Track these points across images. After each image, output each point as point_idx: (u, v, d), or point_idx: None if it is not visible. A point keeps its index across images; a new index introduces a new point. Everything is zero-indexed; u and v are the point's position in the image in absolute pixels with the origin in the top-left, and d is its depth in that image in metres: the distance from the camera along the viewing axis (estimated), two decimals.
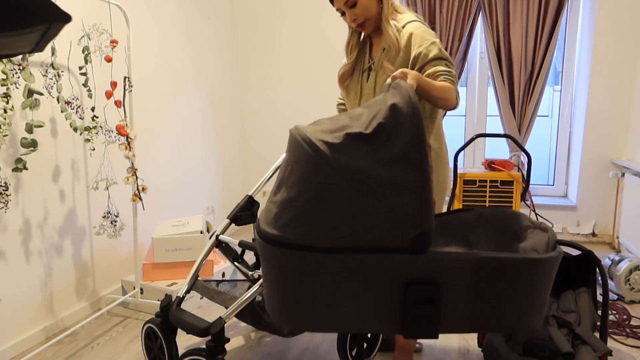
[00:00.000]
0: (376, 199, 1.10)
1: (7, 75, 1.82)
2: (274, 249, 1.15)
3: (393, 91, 1.21)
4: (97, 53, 2.26)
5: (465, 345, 2.15)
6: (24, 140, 1.94)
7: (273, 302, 1.22)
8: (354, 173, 1.09)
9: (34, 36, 0.73)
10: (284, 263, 1.16)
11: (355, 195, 1.09)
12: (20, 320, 2.13)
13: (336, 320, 1.18)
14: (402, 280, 1.14)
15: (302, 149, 1.12)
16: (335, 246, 1.11)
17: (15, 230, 2.09)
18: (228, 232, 2.05)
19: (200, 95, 3.55)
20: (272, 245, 1.15)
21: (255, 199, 2.08)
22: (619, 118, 3.42)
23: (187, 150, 3.41)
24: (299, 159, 1.13)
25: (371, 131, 1.12)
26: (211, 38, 3.69)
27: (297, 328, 1.42)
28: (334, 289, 1.15)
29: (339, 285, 1.15)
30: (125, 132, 2.29)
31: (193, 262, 2.43)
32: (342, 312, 1.17)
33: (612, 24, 3.33)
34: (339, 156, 1.10)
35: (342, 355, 1.85)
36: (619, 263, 2.59)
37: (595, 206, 3.55)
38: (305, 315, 1.19)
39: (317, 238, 1.11)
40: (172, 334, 1.80)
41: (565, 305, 1.92)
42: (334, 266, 1.13)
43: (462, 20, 3.51)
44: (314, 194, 1.10)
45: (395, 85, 1.23)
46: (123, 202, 2.60)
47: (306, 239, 1.12)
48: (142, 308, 2.54)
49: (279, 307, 1.21)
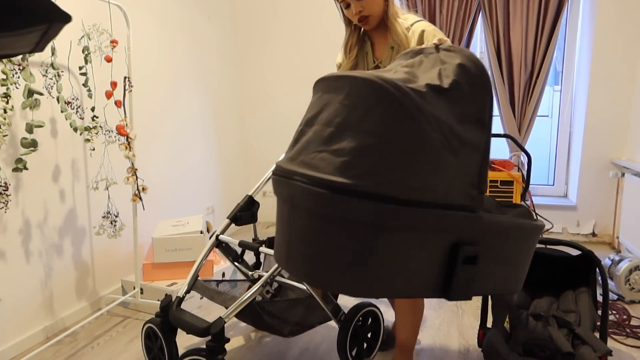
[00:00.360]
0: (453, 154, 1.09)
1: (7, 75, 1.82)
2: (345, 199, 1.03)
3: (448, 53, 1.20)
4: (97, 53, 2.26)
5: (465, 345, 2.15)
6: (24, 140, 1.94)
7: (317, 265, 1.11)
8: (439, 124, 1.07)
9: (34, 36, 0.73)
10: (354, 216, 1.05)
11: (439, 147, 1.07)
12: (20, 320, 2.13)
13: (387, 283, 1.10)
14: (453, 240, 1.13)
15: (386, 93, 1.04)
16: (411, 199, 1.05)
17: (15, 230, 2.09)
18: (228, 232, 2.05)
19: (200, 95, 3.55)
20: (343, 195, 1.03)
21: (255, 199, 2.08)
22: (619, 118, 3.42)
23: (187, 150, 3.42)
24: (379, 103, 1.06)
25: (448, 86, 1.11)
26: (211, 38, 3.69)
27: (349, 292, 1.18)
28: (396, 246, 1.08)
29: (401, 242, 1.08)
30: (125, 132, 2.29)
31: (193, 262, 2.43)
32: (395, 274, 1.10)
33: (612, 24, 3.33)
34: (427, 104, 1.06)
35: (342, 355, 1.85)
36: (619, 263, 2.59)
37: (595, 206, 3.55)
38: (359, 278, 1.09)
39: (397, 189, 1.04)
40: (172, 334, 1.79)
41: (565, 305, 1.92)
42: (406, 220, 1.06)
43: (462, 20, 3.51)
44: (402, 141, 1.04)
45: (450, 47, 1.22)
46: (123, 202, 2.60)
47: (386, 189, 1.03)
48: (142, 308, 2.54)
49: (325, 269, 1.10)
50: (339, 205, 1.04)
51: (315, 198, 1.07)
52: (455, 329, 2.30)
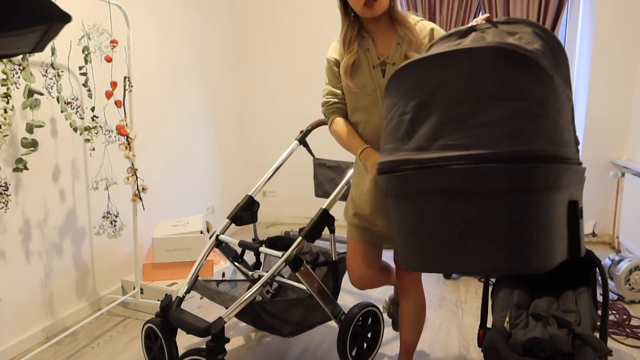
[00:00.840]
0: (570, 111, 1.13)
1: (7, 75, 1.82)
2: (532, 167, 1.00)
3: (511, 25, 1.17)
4: (97, 53, 2.26)
5: (465, 345, 2.15)
6: (24, 140, 1.94)
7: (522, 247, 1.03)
8: (558, 83, 1.08)
9: (34, 36, 0.73)
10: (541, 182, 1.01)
11: (567, 103, 1.10)
12: (20, 320, 2.13)
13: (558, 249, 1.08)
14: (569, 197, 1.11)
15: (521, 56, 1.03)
16: (564, 156, 1.06)
17: (15, 230, 2.09)
18: (228, 232, 2.05)
19: (200, 95, 3.55)
20: (526, 163, 1.00)
21: (255, 199, 2.08)
22: (619, 118, 3.42)
23: (187, 150, 3.41)
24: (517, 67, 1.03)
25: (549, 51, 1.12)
26: (211, 38, 3.69)
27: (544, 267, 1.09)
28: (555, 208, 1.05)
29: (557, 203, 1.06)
30: (125, 132, 2.29)
31: (193, 262, 2.43)
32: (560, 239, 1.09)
33: (612, 24, 3.33)
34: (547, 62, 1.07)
35: (342, 355, 1.85)
36: (619, 263, 2.59)
37: (595, 206, 3.55)
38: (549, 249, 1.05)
39: (560, 148, 1.05)
40: (172, 334, 1.79)
41: (565, 305, 1.92)
42: (565, 179, 1.05)
43: (462, 21, 3.51)
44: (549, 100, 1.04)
45: (509, 19, 1.19)
46: (123, 202, 2.60)
47: (554, 149, 1.03)
48: (142, 308, 2.54)
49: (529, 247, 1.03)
50: (530, 174, 1.01)
51: (494, 175, 1.01)
52: (455, 329, 2.30)
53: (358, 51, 1.58)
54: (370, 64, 1.57)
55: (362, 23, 1.60)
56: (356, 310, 1.86)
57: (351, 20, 1.61)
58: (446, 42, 1.27)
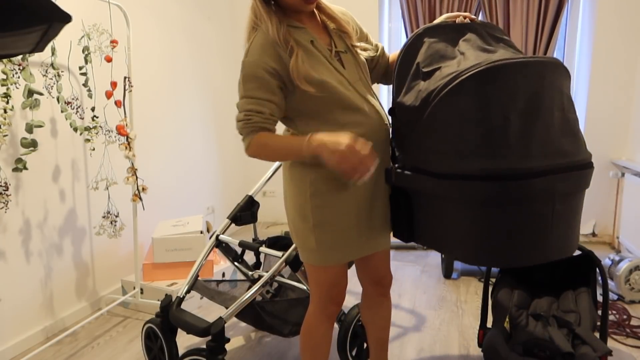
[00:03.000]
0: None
1: (7, 75, 1.82)
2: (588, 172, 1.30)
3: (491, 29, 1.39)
4: (97, 53, 2.26)
5: (465, 345, 2.15)
6: (24, 140, 1.94)
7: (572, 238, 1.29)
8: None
9: (34, 36, 0.74)
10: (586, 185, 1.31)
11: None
12: (20, 320, 2.13)
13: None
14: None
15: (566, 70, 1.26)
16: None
17: (15, 230, 2.09)
18: (228, 232, 2.05)
19: (200, 95, 3.55)
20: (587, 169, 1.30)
21: (255, 199, 2.08)
22: (619, 118, 3.42)
23: (187, 150, 3.41)
24: (565, 79, 1.25)
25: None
26: (211, 38, 3.69)
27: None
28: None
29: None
30: (125, 132, 2.29)
31: (193, 262, 2.42)
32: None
33: (612, 24, 3.33)
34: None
35: (342, 355, 1.85)
36: (619, 263, 2.59)
37: (595, 206, 3.55)
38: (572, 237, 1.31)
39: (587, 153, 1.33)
40: (172, 334, 1.80)
41: (565, 305, 1.92)
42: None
43: None
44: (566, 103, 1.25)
45: (487, 23, 1.41)
46: (123, 202, 2.60)
47: (588, 154, 1.33)
48: (142, 308, 2.54)
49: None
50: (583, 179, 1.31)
51: (587, 178, 1.32)
52: (455, 329, 2.30)
53: (301, 46, 1.30)
54: (324, 56, 1.34)
55: (286, 14, 1.34)
56: (356, 310, 1.86)
57: (272, 16, 1.30)
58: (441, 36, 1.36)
